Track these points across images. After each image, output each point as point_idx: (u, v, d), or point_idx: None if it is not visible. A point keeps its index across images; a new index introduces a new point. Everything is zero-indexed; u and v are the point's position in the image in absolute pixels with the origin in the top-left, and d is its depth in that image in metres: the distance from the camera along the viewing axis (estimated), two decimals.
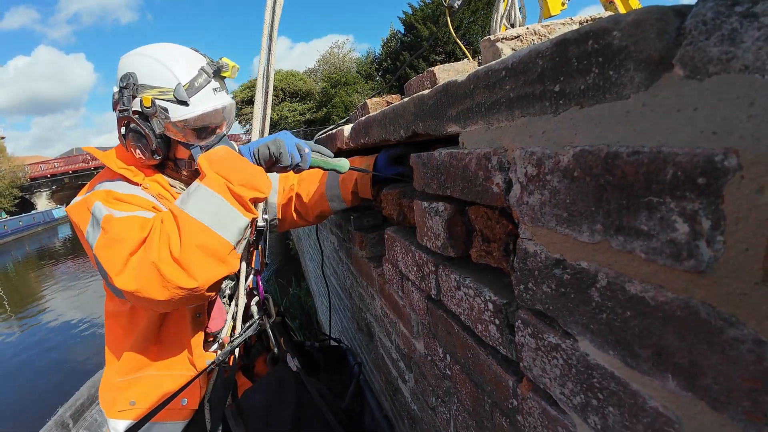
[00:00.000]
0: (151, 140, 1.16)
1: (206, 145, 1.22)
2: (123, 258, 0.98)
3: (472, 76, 0.55)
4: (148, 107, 1.14)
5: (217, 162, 1.03)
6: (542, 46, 0.42)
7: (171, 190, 1.24)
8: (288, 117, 23.82)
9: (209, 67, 1.19)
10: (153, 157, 1.20)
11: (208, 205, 0.99)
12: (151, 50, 1.18)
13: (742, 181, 0.25)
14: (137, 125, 1.16)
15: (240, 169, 1.02)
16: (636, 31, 0.32)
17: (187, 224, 0.97)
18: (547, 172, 0.43)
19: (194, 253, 0.96)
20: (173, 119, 1.15)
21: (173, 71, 1.15)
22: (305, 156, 1.11)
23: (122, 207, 1.07)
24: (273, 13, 1.22)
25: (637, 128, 0.32)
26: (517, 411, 0.57)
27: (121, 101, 1.16)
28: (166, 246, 0.96)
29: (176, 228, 0.97)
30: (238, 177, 1.01)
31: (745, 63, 0.25)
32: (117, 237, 0.99)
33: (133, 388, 1.24)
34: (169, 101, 1.14)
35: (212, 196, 0.99)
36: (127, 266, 0.97)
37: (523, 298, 0.51)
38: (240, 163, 1.04)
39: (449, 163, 0.66)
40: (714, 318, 0.28)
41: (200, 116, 1.17)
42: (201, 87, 1.17)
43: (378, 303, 1.34)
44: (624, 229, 0.34)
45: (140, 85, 1.15)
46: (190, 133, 1.19)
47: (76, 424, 1.80)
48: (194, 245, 0.96)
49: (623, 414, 0.38)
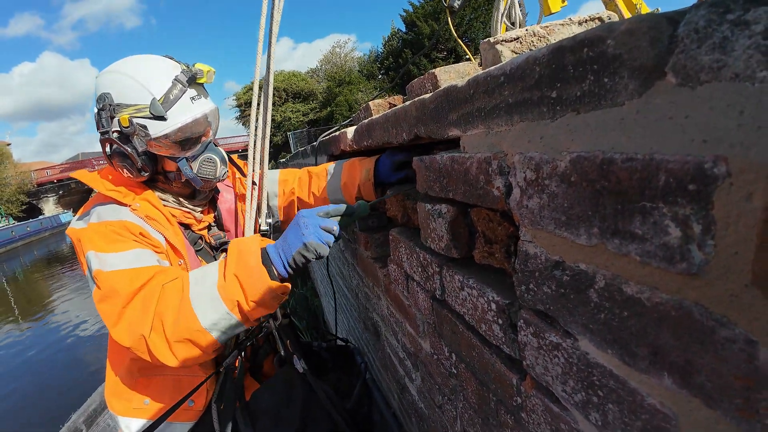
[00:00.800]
0: (136, 159, 1.15)
1: (193, 155, 1.22)
2: (117, 311, 1.00)
3: (471, 81, 0.56)
4: (127, 127, 1.11)
5: (243, 268, 1.00)
6: (539, 53, 0.43)
7: (161, 208, 1.23)
8: (291, 118, 23.87)
9: (183, 75, 1.16)
10: (141, 175, 1.18)
11: (212, 312, 0.98)
12: (124, 66, 1.15)
13: (732, 188, 0.26)
14: (119, 146, 1.14)
15: (259, 287, 0.98)
16: (629, 40, 0.33)
17: (186, 317, 0.98)
18: (545, 176, 0.44)
19: (184, 343, 0.99)
20: (153, 136, 1.13)
21: (146, 86, 1.12)
22: (335, 232, 1.05)
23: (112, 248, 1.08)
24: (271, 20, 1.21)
25: (631, 135, 0.33)
26: (522, 408, 0.58)
27: (101, 123, 1.14)
28: (159, 323, 0.98)
29: (176, 310, 0.98)
30: (255, 295, 0.99)
31: (736, 71, 0.26)
32: (109, 292, 1.02)
33: (150, 388, 1.26)
34: (146, 118, 1.12)
35: (220, 305, 0.99)
36: (121, 320, 1.00)
37: (524, 298, 0.52)
38: (261, 279, 0.98)
39: (451, 166, 0.67)
40: (706, 318, 0.29)
41: (180, 129, 1.15)
42: (177, 98, 1.14)
43: (384, 303, 1.35)
44: (620, 233, 0.35)
45: (116, 105, 1.12)
46: (173, 147, 1.18)
47: (88, 430, 1.82)
48: (185, 338, 0.98)
49: (623, 411, 0.39)
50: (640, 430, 0.38)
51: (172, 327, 0.97)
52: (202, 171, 1.23)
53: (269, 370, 1.56)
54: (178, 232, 1.25)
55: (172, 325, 0.97)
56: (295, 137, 19.39)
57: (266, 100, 1.23)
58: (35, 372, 7.46)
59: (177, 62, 1.20)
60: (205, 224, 1.39)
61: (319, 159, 2.16)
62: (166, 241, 1.19)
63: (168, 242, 1.19)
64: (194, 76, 1.17)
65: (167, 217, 1.23)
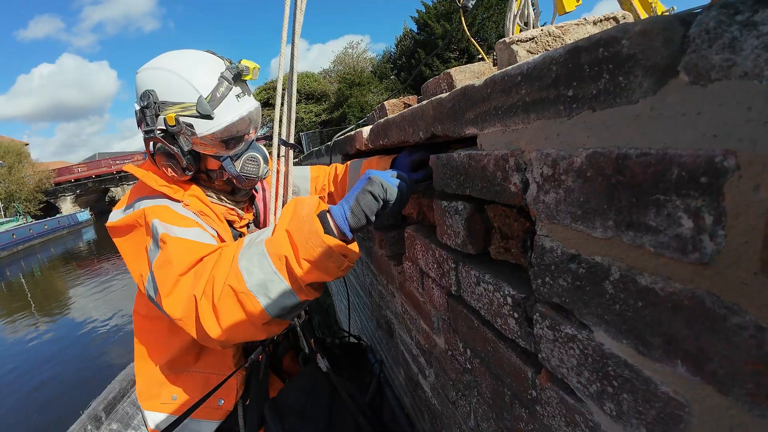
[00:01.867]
0: (181, 159, 1.13)
1: (236, 154, 1.20)
2: (173, 279, 0.96)
3: (489, 80, 0.58)
4: (173, 126, 1.10)
5: (294, 220, 0.92)
6: (556, 53, 0.44)
7: (209, 204, 1.22)
8: (304, 118, 24.02)
9: (229, 72, 1.13)
10: (185, 173, 1.17)
11: (257, 270, 0.91)
12: (167, 62, 1.13)
13: (741, 180, 0.27)
14: (164, 144, 1.12)
15: (312, 243, 0.88)
16: (643, 40, 0.34)
17: (234, 277, 0.91)
18: (561, 172, 0.45)
19: (228, 305, 0.91)
20: (200, 134, 1.11)
21: (193, 84, 1.09)
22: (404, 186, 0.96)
23: (179, 223, 1.06)
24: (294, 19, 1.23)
25: (645, 131, 0.35)
26: (536, 401, 0.59)
27: (144, 121, 1.12)
28: (210, 286, 0.92)
29: (227, 272, 0.92)
30: (306, 251, 0.89)
31: (745, 70, 0.27)
32: (170, 257, 0.98)
33: (178, 384, 1.29)
34: (192, 116, 1.10)
35: (266, 262, 0.91)
36: (176, 288, 0.96)
37: (540, 291, 0.54)
38: (310, 226, 0.89)
39: (468, 164, 0.69)
40: (718, 306, 0.30)
41: (227, 128, 1.13)
42: (223, 96, 1.11)
43: (398, 300, 1.37)
44: (634, 225, 0.36)
45: (161, 103, 1.10)
46: (218, 145, 1.16)
47: (108, 417, 1.87)
48: (233, 302, 0.91)
49: (637, 400, 0.40)
50: (653, 418, 0.39)
51: (220, 288, 0.91)
52: (245, 169, 1.22)
53: (288, 367, 1.58)
54: (227, 229, 1.24)
55: (221, 286, 0.91)
56: (308, 137, 19.54)
57: (290, 99, 1.25)
58: (55, 363, 7.64)
59: (219, 57, 1.19)
60: (245, 221, 1.39)
61: (334, 158, 2.19)
62: (219, 237, 1.18)
63: (220, 237, 1.18)
64: (240, 73, 1.16)
65: (216, 214, 1.23)
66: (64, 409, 5.64)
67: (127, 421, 1.91)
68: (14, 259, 22.09)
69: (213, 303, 0.91)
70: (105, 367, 7.07)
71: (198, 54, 1.17)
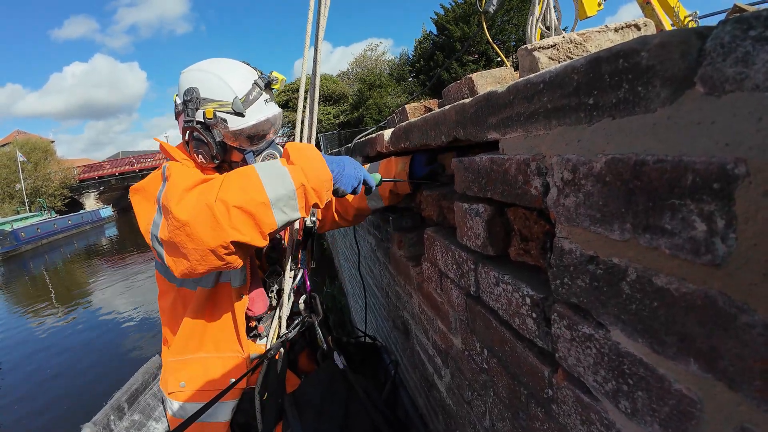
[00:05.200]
0: (212, 147, 1.30)
1: (257, 150, 1.36)
2: (179, 193, 1.05)
3: (511, 87, 0.60)
4: (210, 119, 1.27)
5: (305, 159, 1.11)
6: (577, 63, 0.46)
7: None
8: (322, 120, 24.18)
9: (261, 81, 1.33)
10: (213, 161, 1.34)
11: (280, 186, 1.05)
12: (210, 66, 1.32)
13: (751, 186, 0.29)
14: (200, 134, 1.29)
15: (319, 175, 1.10)
16: (662, 52, 0.36)
17: (253, 188, 1.03)
18: (581, 177, 0.47)
19: (243, 212, 1.02)
20: (231, 129, 1.29)
21: (231, 86, 1.28)
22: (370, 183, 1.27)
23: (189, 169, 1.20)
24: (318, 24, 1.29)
25: (661, 139, 0.36)
26: (552, 400, 0.61)
27: (186, 112, 1.29)
28: (224, 194, 1.01)
29: (241, 184, 1.04)
30: (314, 181, 1.09)
31: (757, 82, 0.29)
32: (177, 180, 1.10)
33: (184, 370, 1.36)
34: (227, 113, 1.28)
35: (288, 181, 1.06)
36: (182, 200, 1.03)
37: (559, 292, 0.55)
38: (322, 169, 1.11)
39: (490, 167, 0.71)
40: (729, 306, 0.32)
41: (254, 125, 1.31)
42: (255, 99, 1.31)
43: (415, 301, 1.39)
44: (650, 228, 0.38)
45: (202, 99, 1.28)
46: (244, 140, 1.33)
47: (130, 408, 1.93)
48: (247, 208, 1.02)
49: (651, 397, 0.42)
50: (667, 415, 0.40)
51: (236, 196, 1.01)
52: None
53: (304, 365, 1.62)
54: None
55: (236, 195, 1.01)
56: (326, 140, 19.67)
57: (312, 104, 1.31)
58: (79, 355, 7.86)
59: (253, 68, 1.39)
60: None
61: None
62: None
63: None
64: (270, 82, 1.36)
65: None
66: (89, 399, 5.84)
67: (149, 412, 1.97)
68: (38, 253, 22.66)
69: (227, 204, 1.00)
70: (128, 359, 7.27)
71: (236, 63, 1.37)
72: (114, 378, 5.04)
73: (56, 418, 5.81)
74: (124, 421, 1.88)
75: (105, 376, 6.68)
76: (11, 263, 20.10)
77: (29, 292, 13.94)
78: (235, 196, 1.01)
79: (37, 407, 6.19)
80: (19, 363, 7.95)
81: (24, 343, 9.00)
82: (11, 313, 11.61)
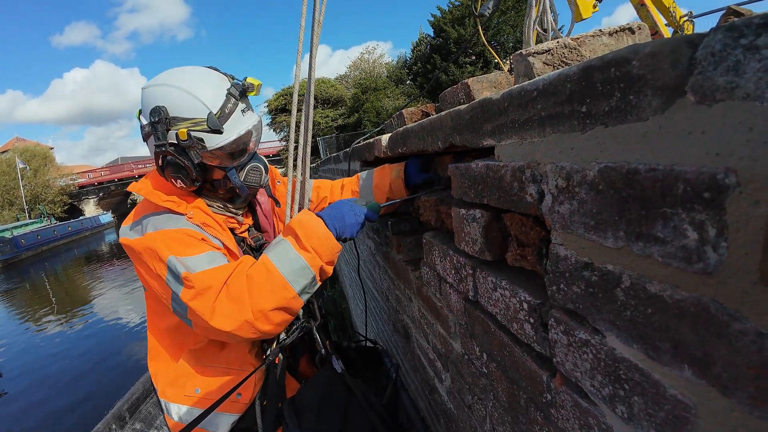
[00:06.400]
0: (191, 170, 1.20)
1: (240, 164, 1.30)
2: (210, 305, 1.08)
3: (506, 94, 0.60)
4: (185, 140, 1.16)
5: (315, 239, 1.14)
6: (570, 71, 0.46)
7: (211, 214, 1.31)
8: (320, 123, 24.20)
9: (234, 89, 1.21)
10: (194, 184, 1.24)
11: (303, 279, 1.13)
12: (175, 79, 1.19)
13: (741, 195, 0.29)
14: (175, 158, 1.18)
15: (331, 249, 1.16)
16: (653, 61, 0.36)
17: (281, 288, 1.10)
18: (575, 184, 0.47)
19: (280, 311, 1.11)
20: (209, 148, 1.18)
21: (202, 100, 1.16)
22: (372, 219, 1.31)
23: (190, 252, 1.14)
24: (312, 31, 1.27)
25: (653, 147, 0.37)
26: (551, 404, 0.61)
27: (155, 135, 1.17)
28: (258, 302, 1.08)
29: (270, 286, 1.10)
30: (328, 256, 1.16)
31: (747, 92, 0.29)
32: (203, 290, 1.09)
33: (200, 377, 1.34)
34: (203, 131, 1.16)
35: (309, 271, 1.13)
36: (215, 312, 1.08)
37: (555, 298, 0.56)
38: (332, 243, 1.16)
39: (486, 174, 0.71)
40: (721, 313, 0.32)
41: (234, 141, 1.21)
42: (231, 112, 1.19)
43: (415, 305, 1.39)
44: (643, 236, 0.38)
45: (172, 118, 1.16)
46: (225, 158, 1.24)
47: (131, 417, 1.93)
48: (282, 306, 1.11)
49: (647, 402, 0.42)
50: (662, 420, 0.40)
51: (269, 300, 1.09)
52: (248, 179, 1.32)
53: (304, 369, 1.62)
54: (230, 236, 1.33)
55: (269, 299, 1.09)
56: (325, 143, 19.70)
57: (308, 110, 1.29)
58: (78, 364, 7.85)
59: (223, 74, 1.26)
60: (245, 227, 1.47)
61: (353, 164, 2.23)
62: (223, 245, 1.26)
63: (225, 246, 1.26)
64: (245, 90, 1.23)
65: (219, 223, 1.30)
66: (91, 409, 5.83)
67: (150, 421, 1.97)
68: (38, 260, 22.65)
69: (265, 313, 1.09)
70: (129, 366, 7.27)
71: (204, 71, 1.24)
72: (115, 387, 5.04)
73: (57, 426, 5.81)
74: (125, 430, 1.89)
75: (106, 385, 6.68)
76: (11, 270, 20.07)
77: (30, 299, 13.93)
78: (268, 301, 1.09)
79: (39, 418, 6.18)
80: (19, 371, 7.94)
81: (24, 351, 9.01)
82: (12, 321, 11.60)
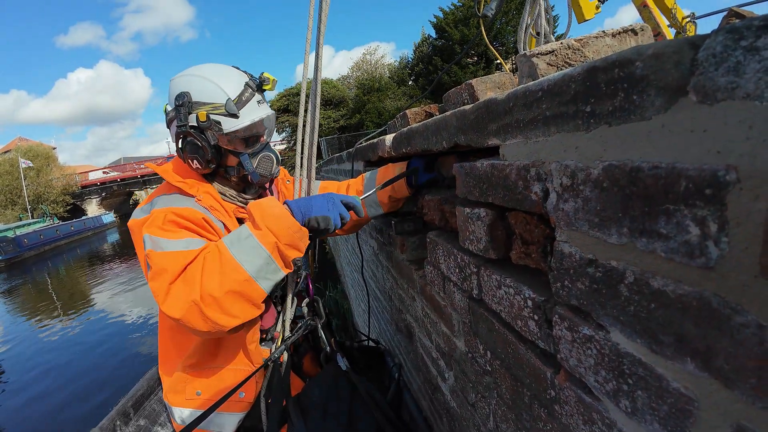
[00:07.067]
0: (207, 151, 1.29)
1: (253, 152, 1.36)
2: (165, 287, 1.08)
3: (511, 95, 0.61)
4: (204, 121, 1.26)
5: (270, 218, 1.13)
6: (574, 72, 0.47)
7: (221, 200, 1.36)
8: (322, 124, 24.23)
9: (252, 82, 1.33)
10: (208, 166, 1.33)
11: (256, 258, 1.09)
12: (200, 71, 1.31)
13: (741, 191, 0.30)
14: (194, 138, 1.28)
15: (288, 229, 1.13)
16: (656, 62, 0.37)
17: (231, 270, 1.07)
18: (580, 182, 0.48)
19: (233, 296, 1.07)
20: (225, 131, 1.28)
21: (223, 88, 1.28)
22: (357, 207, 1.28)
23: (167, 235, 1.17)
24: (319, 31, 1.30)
25: (656, 146, 0.38)
26: (555, 401, 0.62)
27: (178, 117, 1.28)
28: (208, 285, 1.05)
29: (220, 268, 1.07)
30: (286, 237, 1.12)
31: (747, 91, 0.30)
32: (159, 270, 1.11)
33: (200, 380, 1.36)
34: (221, 115, 1.27)
35: (261, 250, 1.10)
36: (169, 295, 1.08)
37: (559, 294, 0.56)
38: (289, 222, 1.14)
39: (491, 173, 0.72)
40: (723, 307, 0.33)
41: (248, 126, 1.30)
42: (248, 100, 1.30)
43: (419, 304, 1.40)
44: (647, 232, 0.39)
45: (194, 102, 1.28)
46: (239, 143, 1.33)
47: (136, 413, 1.94)
48: (234, 290, 1.07)
49: (650, 396, 0.43)
50: (666, 413, 0.41)
51: (219, 283, 1.06)
52: (260, 167, 1.38)
53: (308, 368, 1.63)
54: (236, 224, 1.36)
55: (219, 282, 1.06)
56: (327, 143, 19.73)
57: (314, 110, 1.31)
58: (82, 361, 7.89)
59: (243, 72, 1.37)
60: None
61: (356, 165, 2.23)
62: (226, 229, 1.31)
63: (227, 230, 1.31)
64: (261, 83, 1.36)
65: (227, 210, 1.36)
66: (94, 404, 5.87)
67: (154, 417, 1.98)
68: (41, 259, 22.70)
69: (215, 297, 1.05)
70: (133, 363, 7.30)
71: (225, 66, 1.37)
72: (119, 383, 5.06)
73: (63, 422, 5.84)
74: (130, 426, 1.89)
75: (110, 382, 6.72)
76: (14, 269, 20.14)
77: (33, 298, 13.98)
78: (217, 284, 1.06)
79: (43, 413, 6.21)
80: (23, 369, 7.98)
81: (28, 349, 9.03)
82: (15, 320, 11.65)
